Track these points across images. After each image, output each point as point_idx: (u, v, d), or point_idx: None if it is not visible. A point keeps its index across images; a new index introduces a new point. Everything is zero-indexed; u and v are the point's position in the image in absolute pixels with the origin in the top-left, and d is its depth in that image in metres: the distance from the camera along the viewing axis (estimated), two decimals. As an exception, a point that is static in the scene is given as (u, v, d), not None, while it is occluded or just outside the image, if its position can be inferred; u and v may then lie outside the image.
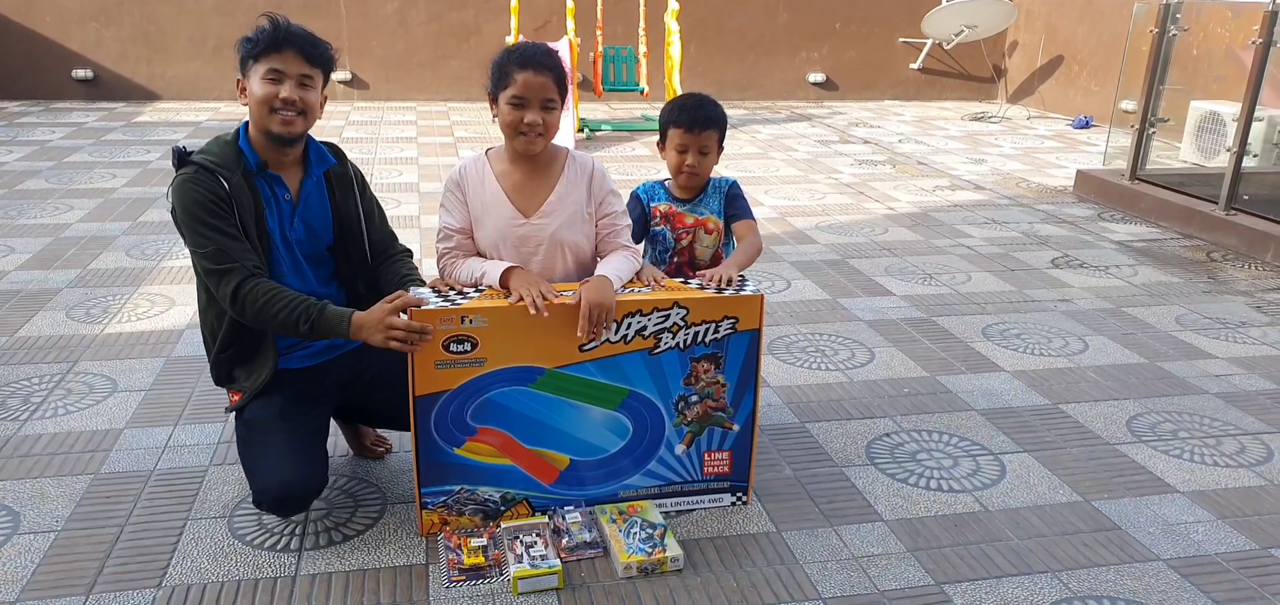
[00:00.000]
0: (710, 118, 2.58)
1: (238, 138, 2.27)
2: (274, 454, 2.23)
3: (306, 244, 2.35)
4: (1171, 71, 6.09)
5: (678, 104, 2.64)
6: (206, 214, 2.15)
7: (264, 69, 2.20)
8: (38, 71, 8.80)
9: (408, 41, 9.41)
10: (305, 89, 2.22)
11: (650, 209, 2.69)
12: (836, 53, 10.38)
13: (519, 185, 2.37)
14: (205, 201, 2.15)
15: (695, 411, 2.35)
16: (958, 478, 2.67)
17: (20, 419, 2.85)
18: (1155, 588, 2.21)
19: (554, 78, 2.28)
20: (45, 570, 2.16)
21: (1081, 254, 4.93)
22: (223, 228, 2.16)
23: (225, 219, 2.17)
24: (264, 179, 2.27)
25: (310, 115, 2.26)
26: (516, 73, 2.25)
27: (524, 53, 2.28)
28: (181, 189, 2.17)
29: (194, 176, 2.17)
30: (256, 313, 2.15)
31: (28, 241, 4.59)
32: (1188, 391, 3.29)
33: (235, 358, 2.33)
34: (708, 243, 2.68)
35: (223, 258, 2.15)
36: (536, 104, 2.26)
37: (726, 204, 2.69)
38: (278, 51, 2.19)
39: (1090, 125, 9.17)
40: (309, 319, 2.13)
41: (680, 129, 2.58)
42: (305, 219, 2.34)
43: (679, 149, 2.60)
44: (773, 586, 2.17)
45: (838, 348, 3.58)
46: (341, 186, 2.40)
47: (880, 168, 7.09)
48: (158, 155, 6.70)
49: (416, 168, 6.55)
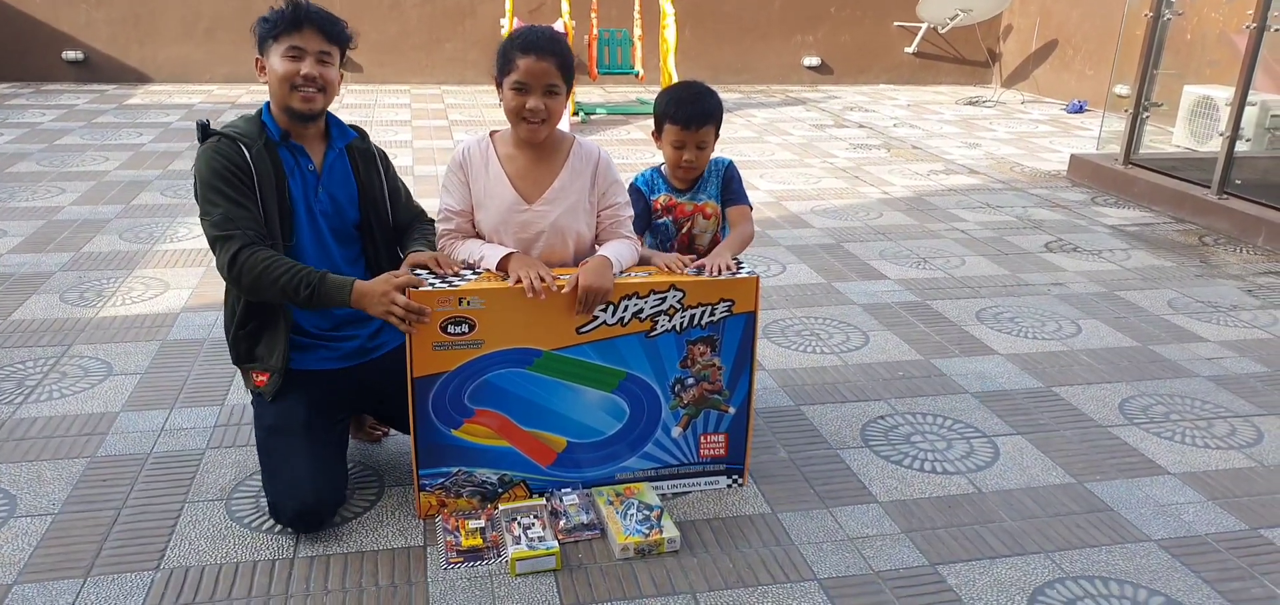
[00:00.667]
0: (707, 112, 2.54)
1: (261, 113, 2.31)
2: (295, 469, 2.22)
3: (333, 217, 2.37)
4: (1165, 56, 6.10)
5: (673, 97, 2.57)
6: (220, 180, 2.19)
7: (284, 47, 2.24)
8: (28, 53, 8.72)
9: (401, 24, 9.36)
10: (324, 65, 2.26)
11: (652, 202, 2.66)
12: (831, 36, 10.36)
13: (523, 171, 2.36)
14: (221, 169, 2.19)
15: (691, 394, 2.36)
16: (951, 460, 2.69)
17: (15, 403, 2.84)
18: (1146, 568, 2.23)
19: (558, 63, 2.25)
20: (42, 553, 2.16)
21: (1075, 238, 4.95)
22: (232, 196, 2.18)
23: (238, 188, 2.19)
24: (287, 149, 2.30)
25: (330, 91, 2.29)
26: (519, 58, 2.23)
27: (527, 38, 2.26)
28: (201, 157, 2.23)
29: (216, 145, 2.22)
30: (254, 279, 2.15)
31: (20, 225, 4.56)
32: (1179, 374, 3.31)
33: (254, 332, 2.33)
34: (705, 227, 2.67)
35: (226, 224, 2.17)
36: (539, 90, 2.24)
37: (723, 186, 2.68)
38: (297, 29, 2.23)
39: (1084, 110, 9.18)
40: (309, 285, 2.14)
41: (677, 126, 2.54)
42: (330, 190, 2.36)
43: (676, 144, 2.56)
44: (768, 567, 2.19)
45: (832, 331, 3.59)
46: (365, 162, 2.43)
47: (875, 152, 7.09)
48: (150, 138, 6.66)
49: (411, 151, 6.52)
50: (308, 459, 2.23)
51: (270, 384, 2.30)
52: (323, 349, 2.39)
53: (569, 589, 2.09)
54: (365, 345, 2.44)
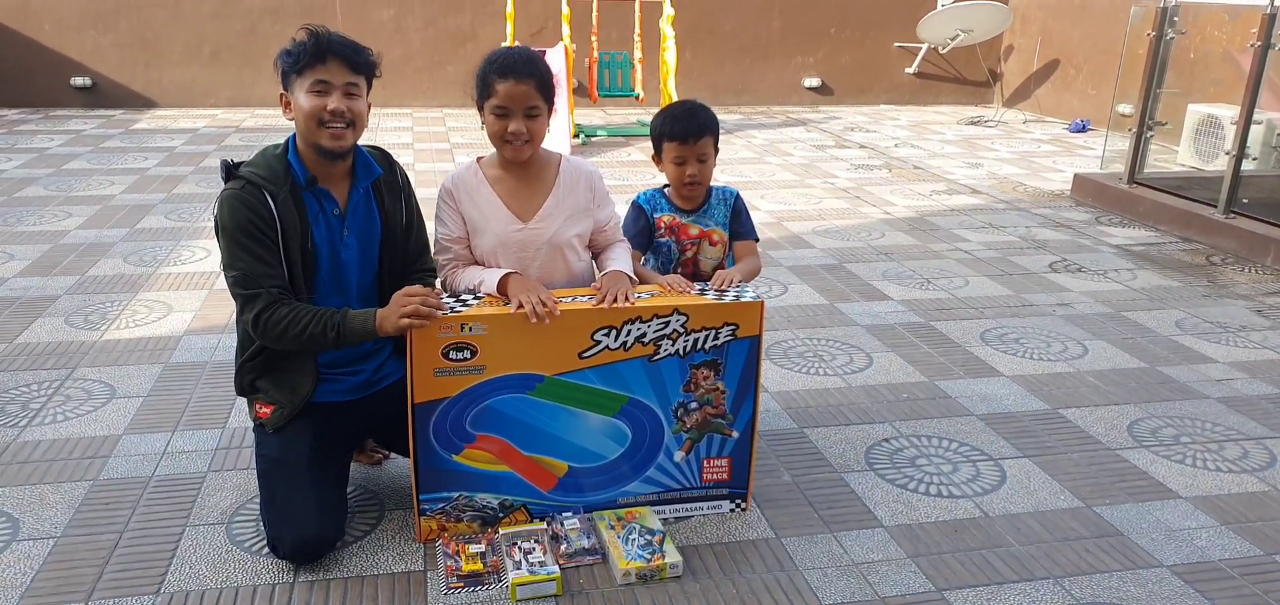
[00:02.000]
0: (703, 125, 2.55)
1: (287, 150, 2.23)
2: (297, 503, 2.19)
3: (358, 258, 2.31)
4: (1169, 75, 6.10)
5: (668, 116, 2.58)
6: (244, 234, 2.12)
7: (309, 82, 2.16)
8: (36, 79, 8.79)
9: (404, 48, 9.41)
10: (352, 98, 2.19)
11: (655, 220, 2.64)
12: (832, 57, 10.40)
13: (513, 191, 2.37)
14: (246, 222, 2.12)
15: (694, 418, 2.35)
16: (957, 483, 2.67)
17: (19, 425, 2.84)
18: (1158, 594, 2.20)
19: (536, 85, 2.25)
20: (44, 577, 2.15)
21: (1080, 258, 4.94)
22: (256, 251, 2.13)
23: (262, 242, 2.14)
24: (312, 194, 2.23)
25: (359, 124, 2.22)
26: (497, 82, 2.23)
27: (504, 62, 2.24)
28: (225, 204, 2.15)
29: (240, 193, 2.14)
30: (280, 334, 2.13)
31: (27, 248, 4.58)
32: (1189, 396, 3.28)
33: (260, 367, 2.29)
34: (712, 255, 2.65)
35: (249, 283, 2.13)
36: (520, 112, 2.25)
37: (732, 216, 2.67)
38: (321, 62, 2.15)
39: (1087, 129, 9.18)
40: (335, 326, 2.11)
41: (675, 142, 2.54)
42: (355, 231, 2.30)
43: (677, 161, 2.56)
44: (772, 593, 2.16)
45: (836, 353, 3.58)
46: (391, 196, 2.36)
47: (876, 172, 7.09)
48: (155, 162, 6.69)
49: (413, 174, 6.54)
50: (310, 494, 2.20)
51: (274, 417, 2.28)
52: (330, 383, 2.36)
53: (571, 615, 2.07)
54: (371, 379, 2.42)
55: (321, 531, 2.20)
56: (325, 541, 2.22)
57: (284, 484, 2.23)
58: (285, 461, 2.24)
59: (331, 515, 2.24)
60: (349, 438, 2.41)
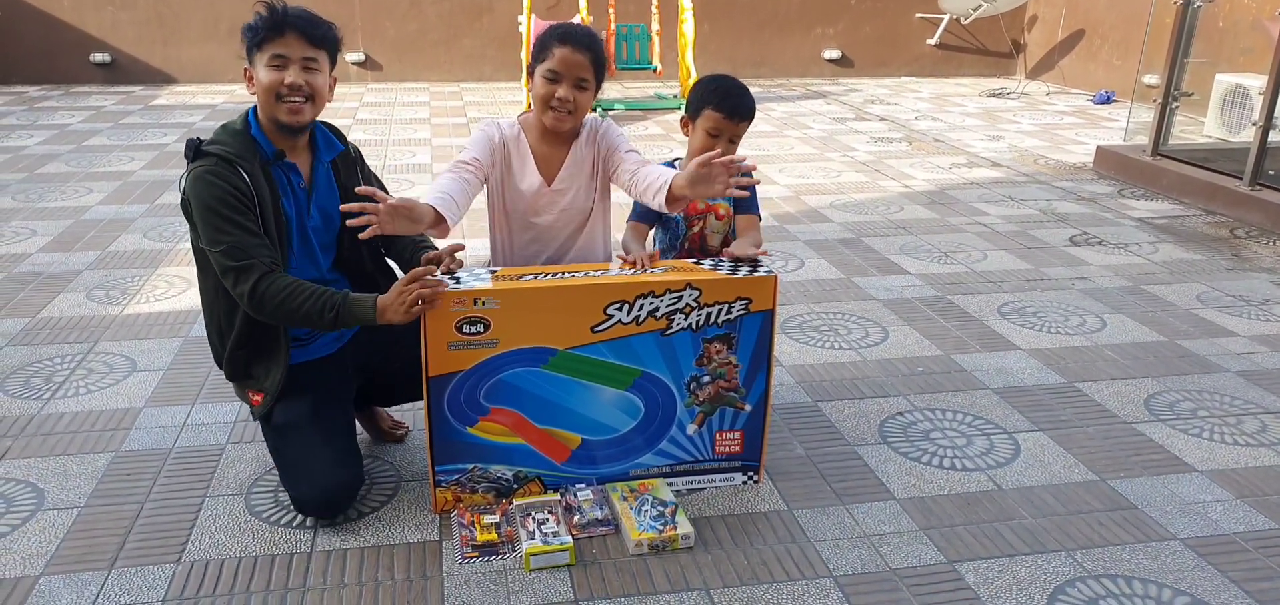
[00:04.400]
0: (750, 109, 2.50)
1: (248, 126, 2.23)
2: (311, 461, 2.23)
3: (323, 232, 2.35)
4: (1196, 44, 5.98)
5: (719, 87, 2.48)
6: (225, 208, 2.11)
7: (267, 56, 2.16)
8: (56, 56, 8.86)
9: (420, 22, 9.40)
10: (310, 72, 2.18)
11: None
12: (852, 29, 10.27)
13: (545, 156, 2.45)
14: (225, 196, 2.11)
15: (707, 392, 2.35)
16: (971, 457, 2.66)
17: (43, 398, 2.89)
18: (1171, 567, 2.19)
19: (592, 58, 2.31)
20: (68, 545, 2.19)
21: (1100, 231, 4.88)
22: (241, 222, 2.12)
23: (244, 213, 2.13)
24: (280, 167, 2.25)
25: (318, 99, 2.22)
26: (556, 47, 2.29)
27: (566, 30, 2.33)
28: (199, 181, 2.12)
29: (213, 169, 2.12)
30: (276, 307, 2.12)
31: (49, 224, 4.64)
32: (1208, 370, 3.25)
33: (251, 355, 2.30)
34: (718, 227, 2.64)
35: (240, 254, 2.11)
36: (570, 81, 2.30)
37: None
38: (279, 35, 2.14)
39: (1112, 100, 9.04)
40: (334, 308, 2.12)
41: (719, 114, 2.45)
42: (319, 205, 2.34)
43: (712, 132, 2.47)
44: (783, 564, 2.17)
45: (851, 326, 3.56)
46: (347, 169, 2.39)
47: (896, 145, 7.02)
48: (174, 138, 6.74)
49: (429, 149, 6.55)
50: (322, 446, 2.25)
51: (264, 404, 2.30)
52: (316, 341, 2.40)
53: (583, 584, 2.09)
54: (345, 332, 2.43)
55: (341, 477, 2.24)
56: (347, 487, 2.25)
57: (296, 446, 2.27)
58: (292, 425, 2.28)
59: (346, 464, 2.27)
60: (345, 386, 2.42)
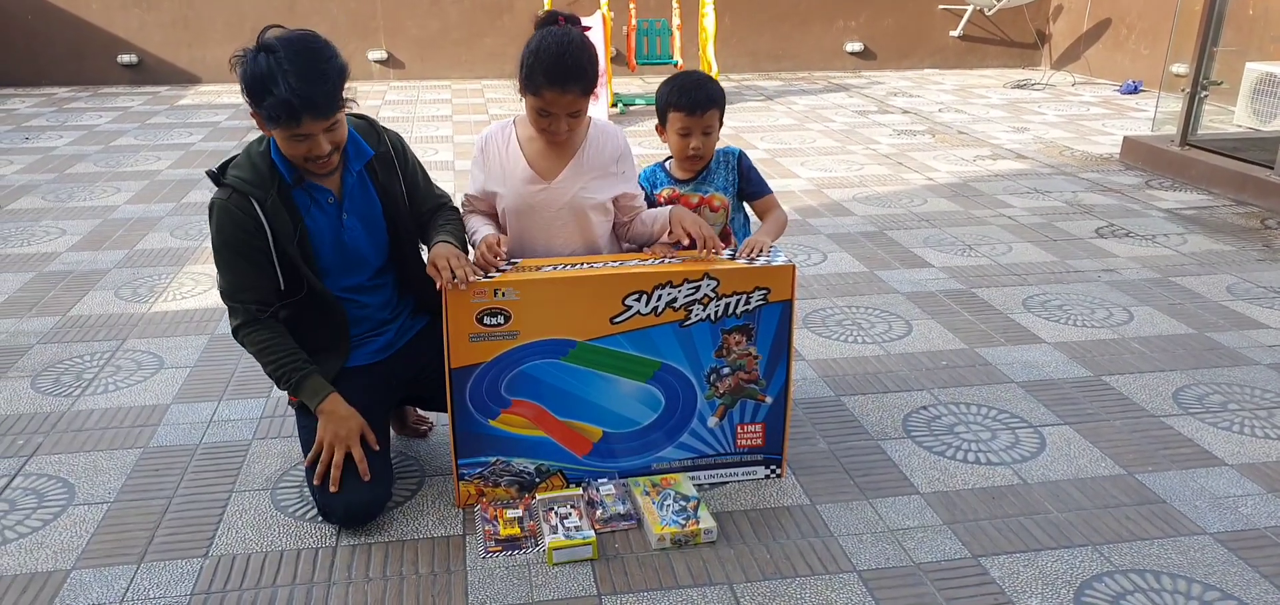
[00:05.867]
0: (711, 97, 2.51)
1: (270, 148, 2.21)
2: (344, 473, 2.22)
3: (363, 240, 2.32)
4: (1226, 32, 5.87)
5: (676, 85, 2.53)
6: (228, 250, 2.21)
7: (285, 133, 2.11)
8: (84, 58, 8.99)
9: (442, 20, 9.44)
10: (332, 132, 2.14)
11: (655, 197, 2.63)
12: (874, 21, 10.19)
13: (542, 151, 2.39)
14: (233, 235, 2.18)
15: (727, 384, 2.35)
16: (996, 451, 2.63)
17: (73, 395, 2.93)
18: (1201, 562, 2.16)
19: (582, 89, 2.23)
20: (98, 540, 2.23)
21: (1127, 223, 4.81)
22: (238, 266, 2.21)
23: (246, 254, 2.19)
24: (302, 190, 2.23)
25: (341, 142, 2.19)
26: (545, 88, 2.21)
27: (553, 69, 2.19)
28: (216, 216, 2.20)
29: (227, 204, 2.18)
30: (253, 353, 2.28)
31: (78, 223, 4.71)
32: (1238, 363, 3.19)
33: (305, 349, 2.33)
34: (713, 219, 2.60)
35: (230, 295, 2.25)
36: (563, 115, 2.26)
37: (741, 179, 2.63)
38: (297, 123, 2.07)
39: (1139, 90, 8.90)
40: (289, 382, 2.26)
41: (681, 112, 2.51)
42: (356, 214, 2.30)
43: (681, 132, 2.53)
44: (806, 559, 2.16)
45: (875, 320, 3.54)
46: (385, 169, 2.35)
47: (919, 138, 6.96)
48: (200, 137, 6.82)
49: (451, 146, 6.59)
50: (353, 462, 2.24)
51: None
52: (364, 346, 2.41)
53: (605, 578, 2.09)
54: (393, 339, 2.46)
55: (372, 495, 2.25)
56: (376, 504, 2.27)
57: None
58: None
59: (379, 478, 2.28)
60: (384, 398, 2.43)
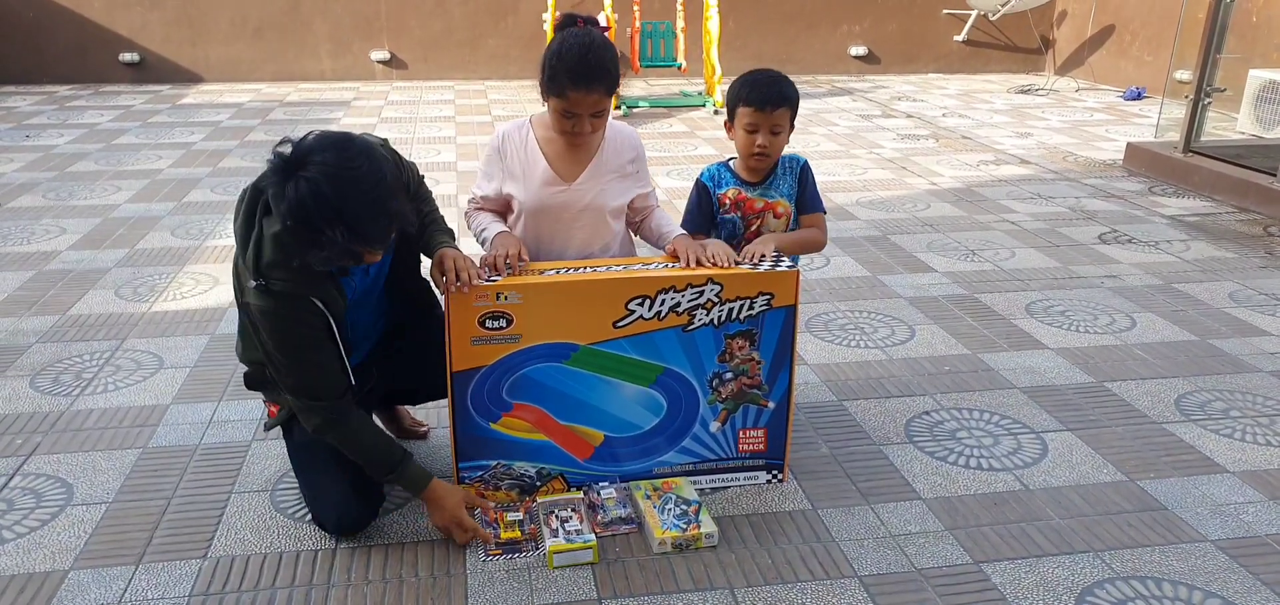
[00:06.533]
0: (784, 95, 2.44)
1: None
2: (330, 489, 2.21)
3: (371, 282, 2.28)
4: (1229, 39, 5.86)
5: (748, 80, 2.46)
6: (301, 349, 2.05)
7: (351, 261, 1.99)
8: (86, 55, 9.00)
9: (445, 21, 9.44)
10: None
11: (717, 197, 2.55)
12: (878, 25, 10.19)
13: (561, 152, 2.38)
14: (305, 338, 2.04)
15: (729, 388, 2.34)
16: (998, 456, 2.62)
17: (72, 395, 2.93)
18: (1202, 569, 2.15)
19: (606, 89, 2.23)
20: (97, 540, 2.22)
21: (1130, 229, 4.80)
22: (315, 360, 2.06)
23: (319, 347, 2.05)
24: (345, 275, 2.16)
25: None
26: (569, 89, 2.20)
27: (577, 70, 2.18)
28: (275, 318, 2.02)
29: (290, 307, 2.01)
30: (337, 443, 2.15)
31: (78, 222, 4.70)
32: (1240, 370, 3.19)
33: None
34: (776, 226, 2.55)
35: (308, 393, 2.09)
36: (587, 115, 2.25)
37: (799, 186, 2.56)
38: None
39: (1143, 97, 8.89)
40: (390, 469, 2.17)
41: (750, 107, 2.42)
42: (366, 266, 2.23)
43: (748, 128, 2.45)
44: (808, 563, 2.16)
45: (877, 325, 3.53)
46: None
47: (923, 142, 6.96)
48: (201, 136, 6.82)
49: (454, 147, 6.58)
50: (342, 478, 2.21)
51: (281, 415, 2.28)
52: None
53: (606, 582, 2.08)
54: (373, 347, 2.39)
55: (355, 510, 2.23)
56: (369, 513, 2.26)
57: (318, 466, 2.24)
58: (310, 448, 2.25)
59: (364, 489, 2.25)
60: (368, 401, 2.37)
